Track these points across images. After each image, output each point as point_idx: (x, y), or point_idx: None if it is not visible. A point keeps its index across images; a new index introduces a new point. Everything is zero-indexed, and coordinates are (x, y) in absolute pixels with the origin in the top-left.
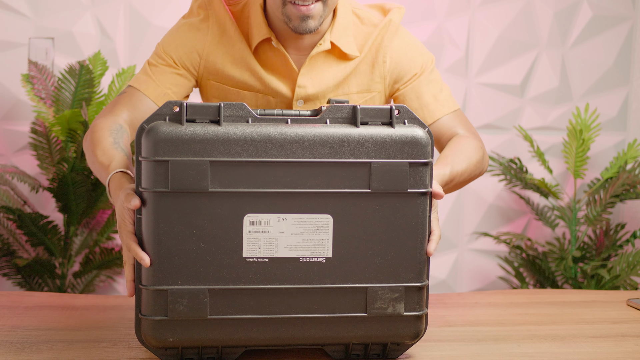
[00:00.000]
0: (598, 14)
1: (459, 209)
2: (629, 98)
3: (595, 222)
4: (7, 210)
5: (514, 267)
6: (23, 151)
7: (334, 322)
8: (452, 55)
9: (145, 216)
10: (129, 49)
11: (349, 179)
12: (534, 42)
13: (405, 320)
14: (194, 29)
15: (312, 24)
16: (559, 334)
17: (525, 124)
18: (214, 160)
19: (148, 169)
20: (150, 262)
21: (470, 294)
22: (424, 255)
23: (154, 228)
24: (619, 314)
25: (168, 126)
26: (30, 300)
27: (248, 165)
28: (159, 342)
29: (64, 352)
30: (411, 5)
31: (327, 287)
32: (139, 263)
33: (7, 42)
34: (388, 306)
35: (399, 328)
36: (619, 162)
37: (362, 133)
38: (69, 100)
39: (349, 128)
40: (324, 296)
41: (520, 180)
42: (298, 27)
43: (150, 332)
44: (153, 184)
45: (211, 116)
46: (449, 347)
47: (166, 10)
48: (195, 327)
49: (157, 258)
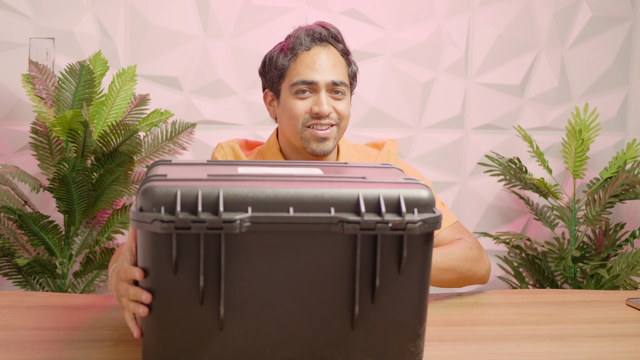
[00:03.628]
0: (597, 14)
1: (458, 209)
2: (628, 98)
3: (594, 222)
4: (7, 210)
5: (514, 267)
6: (24, 151)
7: None
8: (452, 55)
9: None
10: (130, 49)
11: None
12: (533, 42)
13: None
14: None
15: (329, 145)
16: (558, 334)
17: (525, 124)
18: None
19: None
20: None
21: (470, 293)
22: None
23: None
24: (619, 314)
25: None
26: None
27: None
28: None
29: (64, 351)
30: (411, 5)
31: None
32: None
33: (7, 42)
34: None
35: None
36: (618, 162)
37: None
38: (69, 100)
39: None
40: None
41: (519, 180)
42: (316, 149)
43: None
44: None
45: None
46: (449, 347)
47: (166, 10)
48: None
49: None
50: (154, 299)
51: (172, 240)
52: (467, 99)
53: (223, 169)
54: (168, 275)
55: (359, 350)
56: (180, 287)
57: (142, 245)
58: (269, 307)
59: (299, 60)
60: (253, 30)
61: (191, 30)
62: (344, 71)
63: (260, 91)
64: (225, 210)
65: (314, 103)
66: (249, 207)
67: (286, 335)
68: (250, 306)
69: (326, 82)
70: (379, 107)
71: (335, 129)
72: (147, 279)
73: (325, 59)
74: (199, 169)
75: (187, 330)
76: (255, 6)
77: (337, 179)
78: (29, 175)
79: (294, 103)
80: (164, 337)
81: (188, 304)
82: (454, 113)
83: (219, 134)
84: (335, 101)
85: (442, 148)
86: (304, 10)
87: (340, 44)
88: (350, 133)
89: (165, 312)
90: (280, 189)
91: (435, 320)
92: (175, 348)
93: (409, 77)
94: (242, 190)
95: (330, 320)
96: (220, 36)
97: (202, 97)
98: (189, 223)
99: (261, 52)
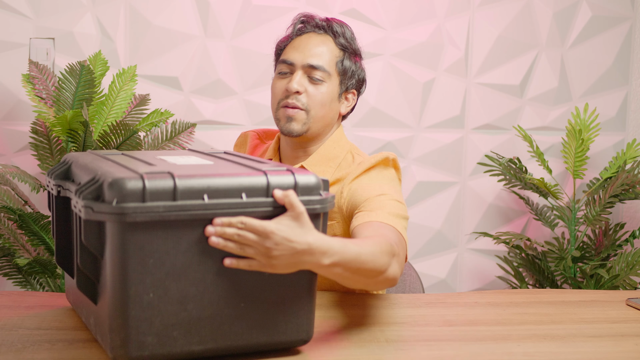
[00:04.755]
0: (597, 14)
1: (458, 209)
2: (628, 98)
3: (594, 222)
4: (7, 210)
5: (514, 266)
6: (24, 151)
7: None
8: (452, 55)
9: None
10: (130, 49)
11: None
12: (533, 42)
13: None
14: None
15: (295, 126)
16: (558, 334)
17: (525, 124)
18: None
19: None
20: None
21: (470, 293)
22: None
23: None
24: (618, 314)
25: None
26: (31, 300)
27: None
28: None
29: (64, 351)
30: (411, 5)
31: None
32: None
33: (7, 42)
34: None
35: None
36: (618, 162)
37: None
38: (69, 100)
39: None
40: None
41: (519, 180)
42: (283, 128)
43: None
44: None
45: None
46: (449, 347)
47: (166, 10)
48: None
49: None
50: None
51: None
52: (467, 99)
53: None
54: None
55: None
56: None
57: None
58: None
59: (292, 43)
60: (253, 30)
61: (191, 30)
62: (331, 60)
63: (260, 91)
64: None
65: (288, 81)
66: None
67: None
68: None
69: (303, 64)
70: (379, 107)
71: (303, 114)
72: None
73: (314, 43)
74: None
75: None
76: (255, 6)
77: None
78: (29, 175)
79: (274, 82)
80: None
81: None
82: (454, 113)
83: (219, 134)
84: (311, 84)
85: (442, 148)
86: (304, 10)
87: (341, 38)
88: (350, 133)
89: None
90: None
91: (435, 320)
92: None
93: (409, 77)
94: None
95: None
96: (220, 36)
97: (202, 97)
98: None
99: (261, 52)
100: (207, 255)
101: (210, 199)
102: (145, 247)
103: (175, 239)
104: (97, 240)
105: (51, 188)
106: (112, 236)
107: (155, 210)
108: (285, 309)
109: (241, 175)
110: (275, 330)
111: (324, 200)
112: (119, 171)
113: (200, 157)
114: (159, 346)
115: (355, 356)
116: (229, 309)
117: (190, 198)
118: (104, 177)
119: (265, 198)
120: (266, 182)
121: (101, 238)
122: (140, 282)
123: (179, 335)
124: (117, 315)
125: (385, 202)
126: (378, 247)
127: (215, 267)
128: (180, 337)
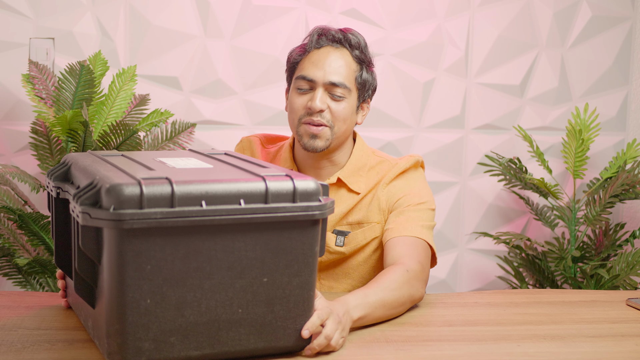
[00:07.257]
0: (597, 14)
1: (458, 209)
2: (628, 98)
3: (594, 222)
4: (7, 210)
5: (514, 267)
6: (24, 151)
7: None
8: (452, 55)
9: None
10: (130, 49)
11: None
12: (533, 42)
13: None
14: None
15: (319, 143)
16: (558, 334)
17: (525, 124)
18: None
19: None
20: None
21: (470, 293)
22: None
23: None
24: (619, 314)
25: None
26: (30, 300)
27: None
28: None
29: (64, 351)
30: (411, 5)
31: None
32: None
33: (7, 42)
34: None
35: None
36: (618, 162)
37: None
38: (69, 100)
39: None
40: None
41: (519, 180)
42: (307, 144)
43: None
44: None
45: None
46: (449, 347)
47: (166, 10)
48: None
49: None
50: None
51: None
52: (467, 99)
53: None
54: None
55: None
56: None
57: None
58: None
59: (308, 56)
60: (253, 30)
61: (191, 30)
62: (350, 75)
63: (260, 91)
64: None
65: (310, 99)
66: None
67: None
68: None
69: (324, 81)
70: (379, 107)
71: (327, 131)
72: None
73: (333, 59)
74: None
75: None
76: (255, 6)
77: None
78: (29, 175)
79: (293, 97)
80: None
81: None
82: (454, 113)
83: (219, 134)
84: (333, 101)
85: (442, 148)
86: (304, 10)
87: (357, 50)
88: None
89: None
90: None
91: (435, 320)
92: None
93: (409, 77)
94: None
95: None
96: (220, 36)
97: (202, 97)
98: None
99: (261, 52)
100: (205, 262)
101: (208, 205)
102: (143, 254)
103: (173, 245)
104: (94, 246)
105: (51, 189)
106: (110, 242)
107: (152, 217)
108: (283, 315)
109: (239, 181)
110: (273, 336)
111: (322, 206)
112: (117, 176)
113: (199, 159)
114: (156, 352)
115: (355, 356)
116: (226, 314)
117: (188, 204)
118: (101, 183)
119: (263, 204)
120: (265, 188)
121: (99, 244)
122: (137, 288)
123: (176, 341)
124: (114, 320)
125: (422, 214)
126: (395, 283)
127: (212, 273)
128: (177, 342)
